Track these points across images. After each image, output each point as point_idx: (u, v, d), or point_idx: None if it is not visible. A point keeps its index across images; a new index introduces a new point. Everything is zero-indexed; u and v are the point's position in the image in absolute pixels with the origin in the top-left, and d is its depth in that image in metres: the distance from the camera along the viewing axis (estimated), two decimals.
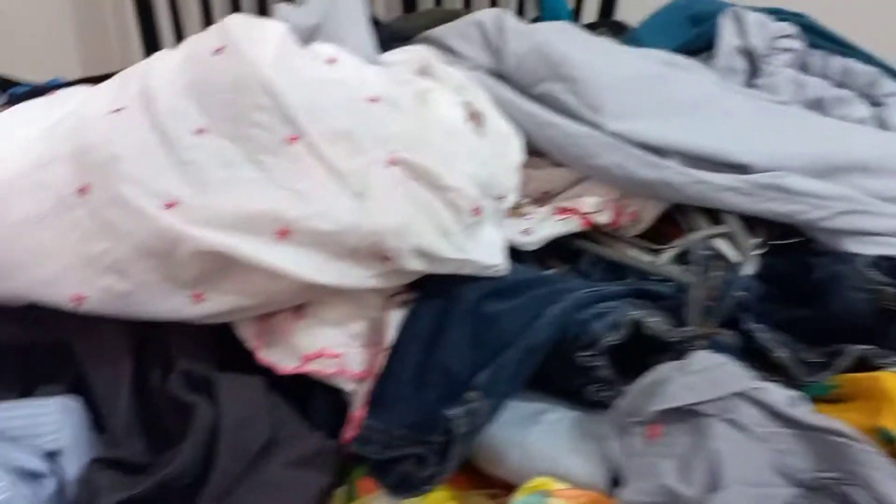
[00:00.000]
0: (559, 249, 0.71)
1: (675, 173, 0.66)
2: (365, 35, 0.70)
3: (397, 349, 0.57)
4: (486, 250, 0.58)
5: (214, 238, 0.49)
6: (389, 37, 0.74)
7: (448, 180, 0.54)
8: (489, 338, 0.54)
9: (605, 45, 0.77)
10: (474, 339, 0.55)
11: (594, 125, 0.67)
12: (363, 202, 0.52)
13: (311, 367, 0.57)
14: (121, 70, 0.61)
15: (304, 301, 0.56)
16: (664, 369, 0.47)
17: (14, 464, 0.51)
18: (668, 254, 0.66)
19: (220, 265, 0.51)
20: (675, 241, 0.67)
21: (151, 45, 1.17)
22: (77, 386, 0.58)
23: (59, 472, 0.53)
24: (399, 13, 1.14)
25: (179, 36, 1.22)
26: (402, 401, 0.55)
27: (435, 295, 0.58)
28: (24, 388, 0.59)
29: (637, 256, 0.66)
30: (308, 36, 0.65)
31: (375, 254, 0.52)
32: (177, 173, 0.51)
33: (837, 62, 0.76)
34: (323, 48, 0.62)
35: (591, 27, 0.90)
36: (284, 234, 0.50)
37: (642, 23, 0.87)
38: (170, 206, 0.50)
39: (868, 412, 0.47)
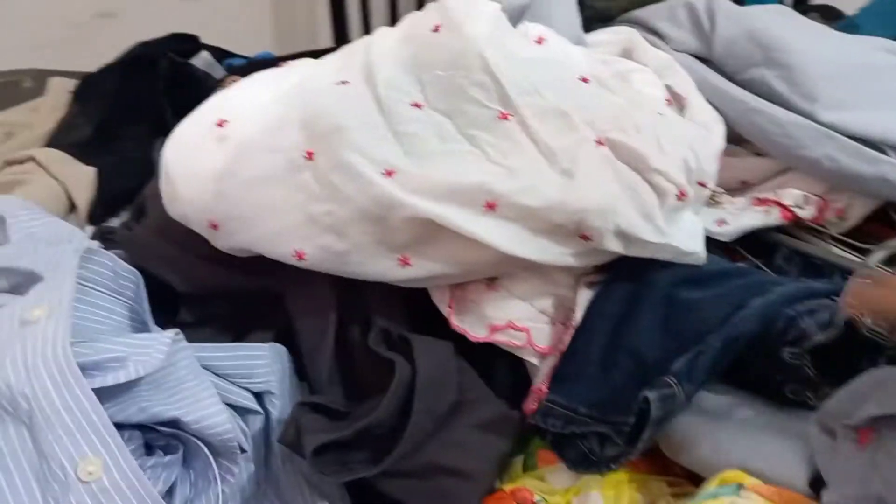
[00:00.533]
0: (751, 242, 0.69)
1: (893, 168, 0.62)
2: (571, 15, 0.70)
3: (584, 328, 0.58)
4: (687, 236, 0.57)
5: (427, 206, 0.52)
6: (593, 17, 0.74)
7: (656, 163, 0.54)
8: (685, 325, 0.53)
9: (822, 31, 0.73)
10: (667, 324, 0.55)
11: (806, 115, 0.64)
12: (571, 180, 0.52)
13: (499, 338, 0.59)
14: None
15: (499, 273, 0.58)
16: (881, 373, 0.45)
17: (228, 398, 0.56)
18: (880, 254, 0.62)
19: (429, 232, 0.53)
20: (888, 241, 0.64)
21: (340, 34, 1.23)
22: (284, 334, 0.63)
23: (266, 411, 0.58)
24: None
25: (366, 20, 1.28)
26: (587, 379, 0.56)
27: (626, 278, 0.58)
28: (237, 332, 0.66)
29: (844, 255, 0.63)
30: (517, 16, 0.67)
31: (577, 231, 0.53)
32: (395, 143, 0.55)
33: None
34: (532, 28, 0.63)
35: (801, 10, 0.85)
36: (492, 206, 0.52)
37: (861, 8, 0.82)
38: (389, 173, 0.53)
39: None
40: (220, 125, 0.58)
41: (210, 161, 0.57)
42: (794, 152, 0.64)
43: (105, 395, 0.48)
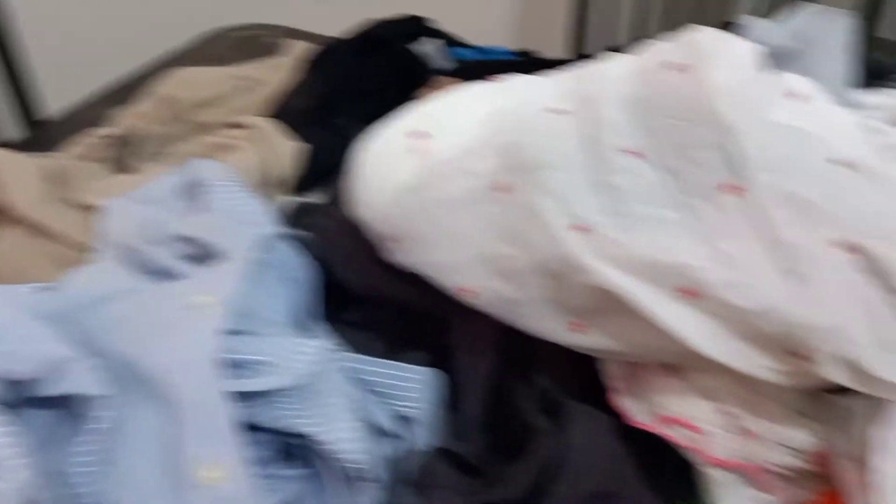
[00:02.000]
0: None
1: None
2: (842, 68, 0.58)
3: None
4: None
5: (616, 278, 0.45)
6: (874, 70, 0.62)
7: None
8: None
9: None
10: None
11: None
12: (797, 286, 0.43)
13: (665, 432, 0.51)
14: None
15: (683, 363, 0.50)
16: None
17: (370, 418, 0.54)
18: None
19: (611, 305, 0.47)
20: None
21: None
22: (441, 361, 0.60)
23: (409, 439, 0.55)
24: None
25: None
26: None
27: None
28: (396, 345, 0.63)
29: None
30: (776, 59, 0.57)
31: (791, 349, 0.44)
32: (597, 196, 0.48)
33: None
34: (793, 81, 0.53)
35: None
36: (691, 294, 0.44)
37: None
38: (582, 230, 0.47)
39: None
40: (419, 137, 0.55)
41: (402, 172, 0.54)
42: None
43: (245, 394, 0.47)
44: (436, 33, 0.95)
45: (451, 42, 0.96)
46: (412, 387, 0.56)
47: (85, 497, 0.42)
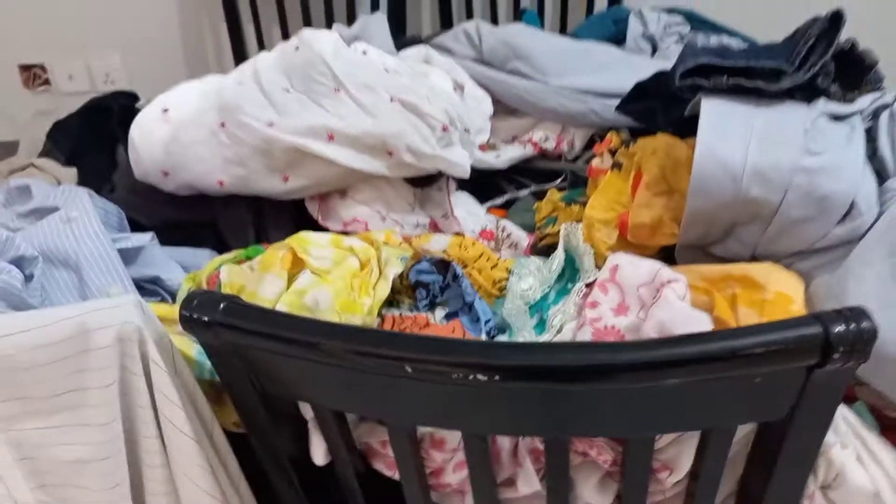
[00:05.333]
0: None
1: (596, 104, 1.01)
2: (387, 39, 1.09)
3: None
4: (456, 158, 0.94)
5: (295, 139, 0.88)
6: (409, 41, 1.14)
7: (425, 109, 0.91)
8: None
9: (548, 35, 1.14)
10: None
11: (543, 83, 1.04)
12: (375, 119, 0.90)
13: (349, 228, 0.94)
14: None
15: (345, 186, 0.94)
16: None
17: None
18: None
19: (298, 157, 0.90)
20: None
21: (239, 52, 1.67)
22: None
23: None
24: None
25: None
26: None
27: None
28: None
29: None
30: (351, 40, 1.06)
31: (384, 150, 0.90)
32: (272, 109, 0.91)
33: (714, 39, 1.10)
34: (359, 45, 1.02)
35: None
36: (332, 137, 0.89)
37: (579, 25, 1.25)
38: (270, 125, 0.90)
39: None
40: (165, 111, 0.94)
41: (160, 133, 0.93)
42: (539, 105, 1.03)
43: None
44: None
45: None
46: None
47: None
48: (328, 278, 0.77)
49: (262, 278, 0.77)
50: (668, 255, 0.82)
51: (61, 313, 0.64)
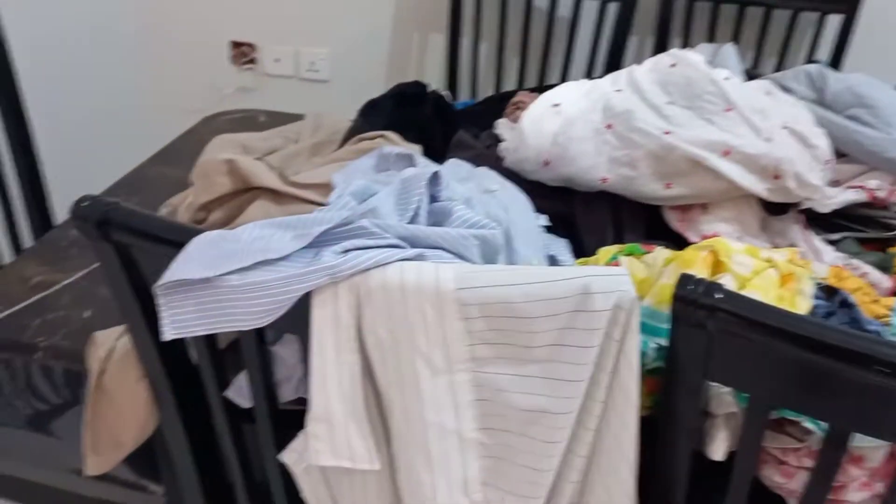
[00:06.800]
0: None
1: None
2: (738, 67, 1.13)
3: None
4: (831, 192, 0.97)
5: (694, 150, 0.92)
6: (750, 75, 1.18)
7: (815, 141, 0.95)
8: None
9: (889, 89, 1.17)
10: None
11: (887, 134, 1.06)
12: (771, 143, 0.93)
13: (707, 241, 0.97)
14: None
15: (716, 201, 0.97)
16: None
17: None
18: None
19: (688, 167, 0.93)
20: None
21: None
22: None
23: None
24: None
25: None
26: None
27: None
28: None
29: None
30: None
31: (773, 173, 0.93)
32: (664, 120, 0.95)
33: None
34: (721, 71, 1.06)
35: None
36: (727, 153, 0.93)
37: None
38: (666, 133, 0.93)
39: None
40: (555, 106, 0.99)
41: (550, 124, 0.97)
42: (879, 154, 1.06)
43: None
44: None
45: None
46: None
47: None
48: (751, 284, 0.80)
49: (675, 274, 0.80)
50: None
51: (566, 272, 0.67)
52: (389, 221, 0.72)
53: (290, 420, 0.78)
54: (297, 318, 0.68)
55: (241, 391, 0.82)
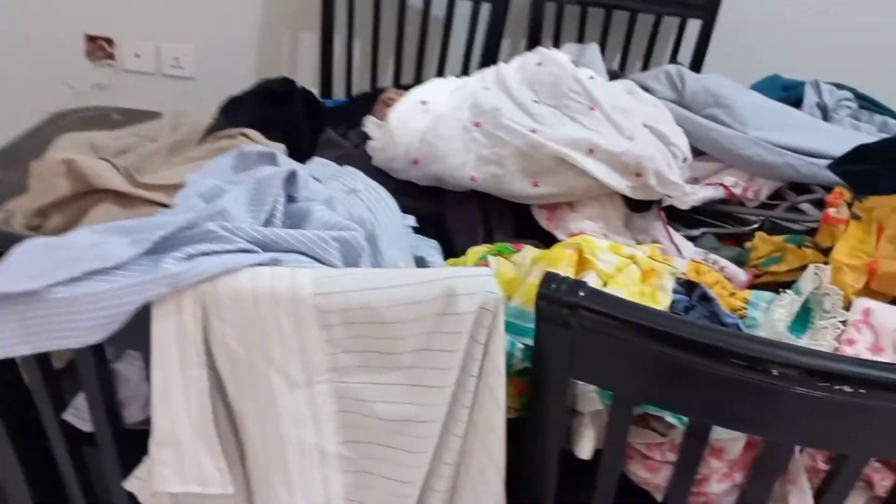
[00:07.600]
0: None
1: (794, 159, 1.08)
2: (602, 68, 1.15)
3: None
4: (689, 189, 0.99)
5: (560, 148, 0.92)
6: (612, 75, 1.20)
7: (674, 139, 0.97)
8: None
9: (742, 88, 1.22)
10: None
11: (742, 132, 1.10)
12: (633, 141, 0.94)
13: (573, 239, 0.98)
14: None
15: (582, 199, 0.98)
16: None
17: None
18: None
19: (554, 166, 0.93)
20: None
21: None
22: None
23: None
24: None
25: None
26: None
27: None
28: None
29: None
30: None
31: (635, 171, 0.94)
32: (529, 118, 0.95)
33: (878, 118, 1.20)
34: (585, 70, 1.07)
35: None
36: (592, 151, 0.93)
37: (753, 84, 1.33)
38: (533, 131, 0.93)
39: None
40: (423, 103, 0.96)
41: (418, 123, 0.95)
42: (735, 152, 1.10)
43: None
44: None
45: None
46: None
47: None
48: (614, 281, 0.80)
49: (542, 273, 0.80)
50: None
51: (430, 275, 0.65)
52: (241, 224, 0.67)
53: (142, 440, 0.71)
54: (136, 333, 0.62)
55: (80, 413, 0.74)
